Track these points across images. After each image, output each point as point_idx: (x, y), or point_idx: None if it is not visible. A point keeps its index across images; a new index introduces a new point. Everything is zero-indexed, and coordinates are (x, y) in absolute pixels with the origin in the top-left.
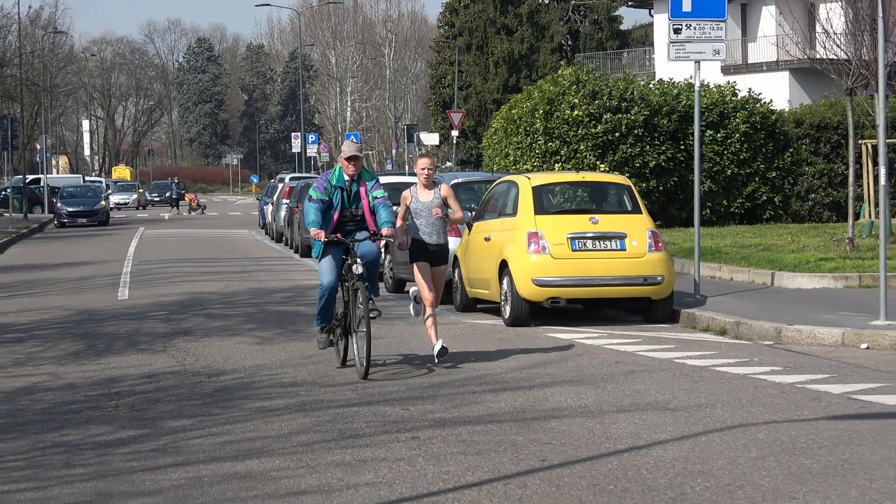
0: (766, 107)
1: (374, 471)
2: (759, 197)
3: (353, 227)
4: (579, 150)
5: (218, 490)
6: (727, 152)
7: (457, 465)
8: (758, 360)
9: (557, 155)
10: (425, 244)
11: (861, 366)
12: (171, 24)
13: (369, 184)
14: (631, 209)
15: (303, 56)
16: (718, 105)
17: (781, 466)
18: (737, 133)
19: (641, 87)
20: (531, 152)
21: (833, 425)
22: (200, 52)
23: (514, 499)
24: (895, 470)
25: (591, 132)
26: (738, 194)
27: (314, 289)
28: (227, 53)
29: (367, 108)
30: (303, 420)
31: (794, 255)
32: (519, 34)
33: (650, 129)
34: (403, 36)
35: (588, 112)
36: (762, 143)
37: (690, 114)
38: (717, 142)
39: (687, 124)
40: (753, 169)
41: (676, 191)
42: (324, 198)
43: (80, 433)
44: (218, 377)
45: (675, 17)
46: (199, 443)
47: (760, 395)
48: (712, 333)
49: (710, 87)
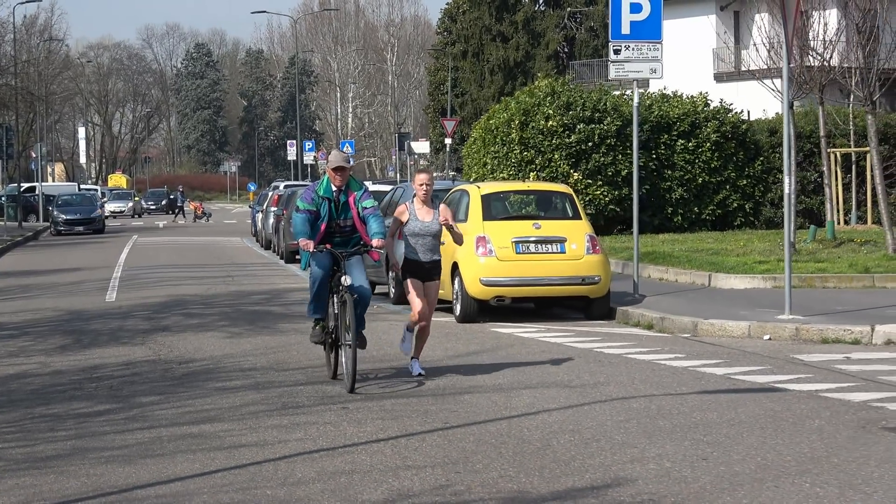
0: (737, 116)
1: (304, 430)
2: (731, 204)
3: (340, 239)
4: (553, 160)
5: (174, 445)
6: (699, 161)
7: (373, 426)
8: (668, 350)
9: (532, 164)
10: (420, 262)
11: (755, 353)
12: (170, 28)
13: (357, 193)
14: (572, 215)
15: (303, 62)
16: (690, 115)
17: (639, 426)
18: (708, 142)
19: (615, 98)
20: (507, 161)
21: (701, 398)
22: (199, 58)
23: (411, 449)
24: (729, 427)
25: (564, 142)
26: (710, 201)
27: (291, 291)
28: (226, 59)
29: (369, 113)
30: (254, 396)
31: (737, 258)
32: (514, 41)
33: (622, 138)
34: (406, 40)
35: (562, 122)
36: (733, 152)
37: (662, 123)
38: (688, 151)
39: (659, 134)
40: (724, 177)
41: (649, 198)
42: (311, 208)
43: (63, 407)
44: (187, 364)
45: (615, 39)
46: (163, 413)
47: (653, 376)
48: (640, 328)
49: (683, 98)
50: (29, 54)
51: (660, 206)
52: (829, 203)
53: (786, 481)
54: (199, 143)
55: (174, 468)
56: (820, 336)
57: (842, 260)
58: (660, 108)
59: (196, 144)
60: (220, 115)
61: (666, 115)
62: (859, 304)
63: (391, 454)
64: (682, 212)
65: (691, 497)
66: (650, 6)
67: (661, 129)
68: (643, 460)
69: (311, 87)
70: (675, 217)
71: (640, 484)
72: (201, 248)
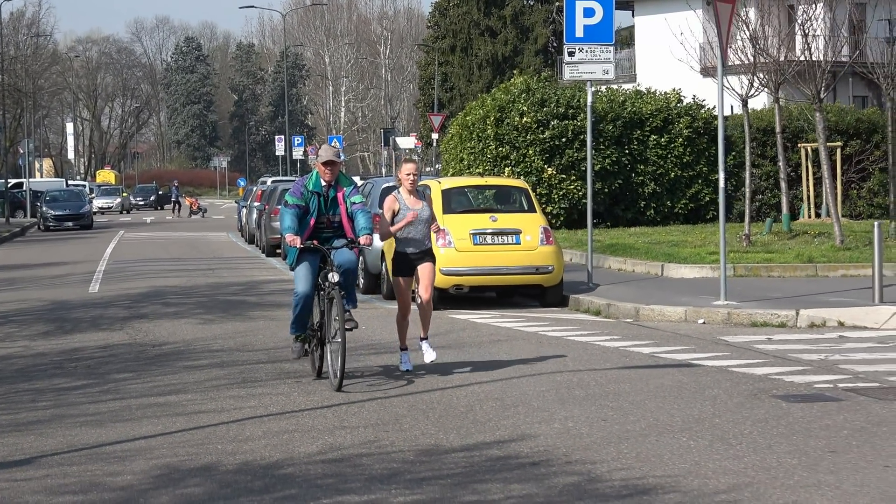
0: (709, 112)
1: (258, 399)
2: (703, 198)
3: (329, 234)
4: (528, 155)
5: (141, 412)
6: (671, 156)
7: (320, 396)
8: (607, 333)
9: (507, 159)
10: (408, 256)
11: (686, 335)
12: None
13: (347, 189)
14: (527, 209)
15: (295, 55)
16: (663, 111)
17: (557, 396)
18: (680, 137)
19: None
20: (483, 157)
21: (620, 372)
22: (188, 52)
23: (350, 413)
24: (635, 395)
25: (539, 138)
26: (682, 195)
27: (267, 283)
28: (217, 52)
29: (362, 108)
30: (217, 372)
31: (693, 249)
32: (503, 36)
33: (595, 134)
34: (399, 33)
35: (536, 119)
36: (705, 147)
37: (635, 119)
38: (661, 146)
39: (632, 129)
40: (696, 171)
41: (622, 192)
42: (300, 203)
43: (44, 383)
44: (160, 346)
45: (569, 42)
46: (134, 387)
47: (584, 355)
48: (589, 314)
49: (656, 94)
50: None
51: (633, 200)
52: (785, 196)
53: (668, 437)
54: (188, 138)
55: (139, 430)
56: (749, 320)
57: (791, 251)
58: (633, 105)
59: (186, 139)
60: (211, 110)
61: (639, 111)
62: (797, 291)
63: (331, 417)
64: (655, 205)
65: (581, 449)
66: (602, 10)
67: (633, 124)
68: (550, 421)
69: (302, 82)
70: (648, 211)
71: (541, 439)
72: (186, 243)
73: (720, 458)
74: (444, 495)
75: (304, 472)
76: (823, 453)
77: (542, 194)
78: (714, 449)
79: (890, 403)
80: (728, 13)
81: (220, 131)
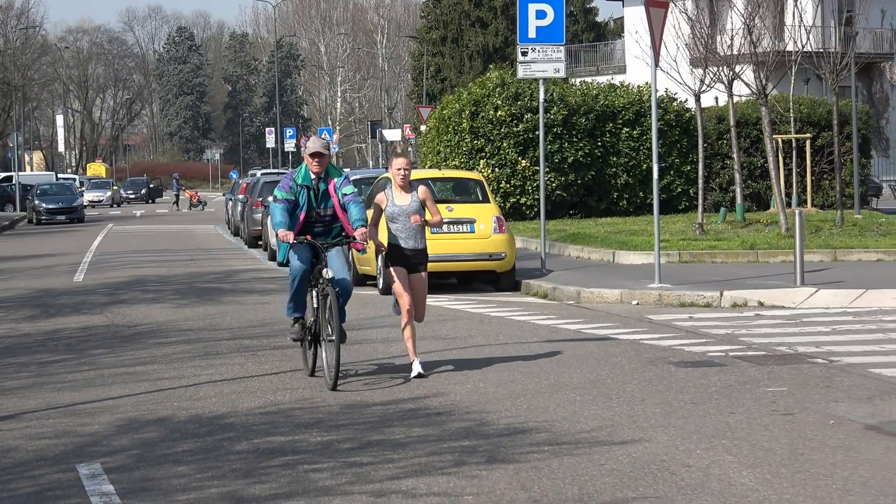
0: (681, 105)
1: (216, 368)
2: (675, 189)
3: (321, 228)
4: (502, 148)
5: (111, 379)
6: (643, 148)
7: (270, 365)
8: (547, 313)
9: (482, 152)
10: (402, 249)
11: (617, 314)
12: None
13: (338, 180)
14: (482, 199)
15: (290, 45)
16: (635, 104)
17: (478, 363)
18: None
19: (562, 88)
20: (458, 150)
21: (542, 345)
22: (181, 42)
23: (295, 378)
24: (547, 362)
25: (513, 131)
26: None
27: (244, 272)
28: (211, 42)
29: (359, 98)
30: (183, 347)
31: (646, 238)
32: (493, 27)
33: (569, 127)
34: (396, 22)
35: (510, 112)
36: (677, 139)
37: (607, 112)
38: (633, 138)
39: (604, 122)
40: (668, 163)
41: (595, 183)
42: (289, 197)
43: (28, 358)
44: (135, 327)
45: (522, 43)
46: (108, 360)
47: (517, 331)
48: (537, 297)
49: (629, 88)
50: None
51: (606, 192)
52: (739, 187)
53: (560, 394)
54: (181, 129)
55: (109, 392)
56: (678, 301)
57: (737, 238)
58: (605, 98)
59: (179, 131)
60: (204, 101)
61: (612, 104)
62: (734, 275)
63: (276, 382)
64: (628, 196)
65: (482, 403)
66: (554, 12)
67: (606, 117)
68: (464, 382)
69: (297, 72)
70: (621, 201)
71: (452, 396)
72: (172, 236)
73: (597, 409)
74: (355, 436)
75: (244, 421)
76: (685, 404)
77: (516, 185)
78: (595, 403)
79: (764, 367)
80: (661, 17)
81: (214, 123)
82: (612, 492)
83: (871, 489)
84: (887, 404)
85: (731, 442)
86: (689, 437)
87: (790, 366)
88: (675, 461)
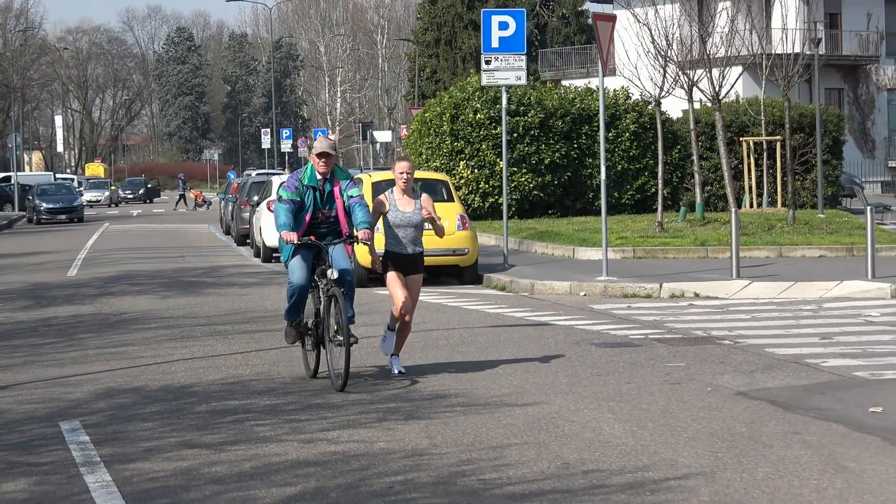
0: (654, 109)
1: (189, 349)
2: (649, 189)
3: (326, 230)
4: (481, 150)
5: (95, 358)
6: (618, 150)
7: (237, 346)
8: (499, 303)
9: (462, 154)
10: (401, 254)
11: (563, 304)
12: (152, 11)
13: (344, 183)
14: (447, 198)
15: (289, 45)
16: (611, 108)
17: (423, 345)
18: (627, 132)
19: (540, 91)
20: (439, 151)
21: (485, 329)
22: (180, 42)
23: (258, 358)
24: (486, 344)
25: (491, 133)
26: (630, 187)
27: (229, 267)
28: (210, 42)
29: (359, 98)
30: (164, 332)
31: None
32: None
33: (546, 129)
34: (396, 22)
35: (489, 115)
36: (651, 141)
37: (584, 115)
38: (608, 140)
39: (580, 125)
40: (643, 164)
41: (571, 184)
42: (295, 198)
43: (21, 341)
44: (120, 315)
45: (486, 52)
46: (93, 342)
47: (466, 318)
48: (496, 289)
49: (606, 92)
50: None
51: (582, 192)
52: (699, 187)
53: (487, 368)
54: (180, 130)
55: (91, 368)
56: (622, 292)
57: (692, 236)
58: (582, 101)
59: (178, 132)
60: (203, 102)
61: (588, 107)
62: (680, 269)
63: (240, 360)
64: None
65: (414, 373)
66: (515, 24)
67: (582, 120)
68: (405, 360)
69: (297, 72)
70: (597, 201)
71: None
72: (166, 234)
73: (514, 379)
74: (299, 400)
75: (206, 390)
76: (591, 376)
77: (494, 186)
78: (514, 375)
79: (674, 347)
80: (608, 30)
81: (213, 123)
82: (500, 439)
83: (715, 437)
84: (765, 375)
85: (616, 404)
86: (582, 401)
87: (697, 346)
88: (562, 418)
